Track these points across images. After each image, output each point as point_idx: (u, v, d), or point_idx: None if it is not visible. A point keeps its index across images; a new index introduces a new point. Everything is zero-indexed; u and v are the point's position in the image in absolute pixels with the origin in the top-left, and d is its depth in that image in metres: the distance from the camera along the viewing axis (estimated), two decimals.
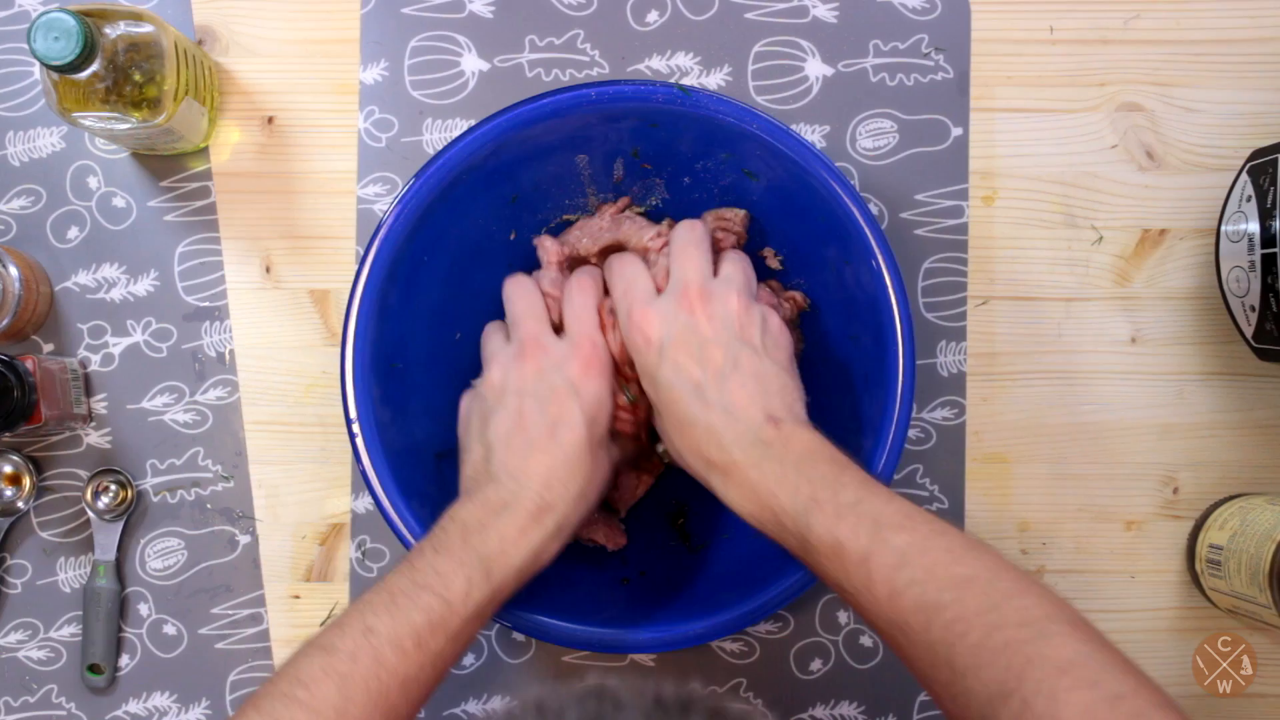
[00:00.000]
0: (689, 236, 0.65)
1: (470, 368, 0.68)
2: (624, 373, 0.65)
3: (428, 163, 0.65)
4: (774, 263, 0.71)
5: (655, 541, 0.73)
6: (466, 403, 0.66)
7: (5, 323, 0.70)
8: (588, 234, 0.70)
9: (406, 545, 0.64)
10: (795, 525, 0.55)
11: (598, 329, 0.64)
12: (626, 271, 0.65)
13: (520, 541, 0.58)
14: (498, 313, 0.69)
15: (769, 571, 0.66)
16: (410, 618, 0.54)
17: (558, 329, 0.66)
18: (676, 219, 0.71)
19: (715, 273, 0.65)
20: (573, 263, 0.70)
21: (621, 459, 0.66)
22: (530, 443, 0.60)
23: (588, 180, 0.70)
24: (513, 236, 0.71)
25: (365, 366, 0.65)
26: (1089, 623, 0.49)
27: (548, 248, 0.70)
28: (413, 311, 0.68)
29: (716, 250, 0.67)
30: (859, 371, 0.68)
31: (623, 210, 0.71)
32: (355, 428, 0.65)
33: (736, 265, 0.65)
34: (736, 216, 0.69)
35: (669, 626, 0.66)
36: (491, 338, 0.67)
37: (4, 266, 0.70)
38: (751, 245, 0.71)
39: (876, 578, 0.52)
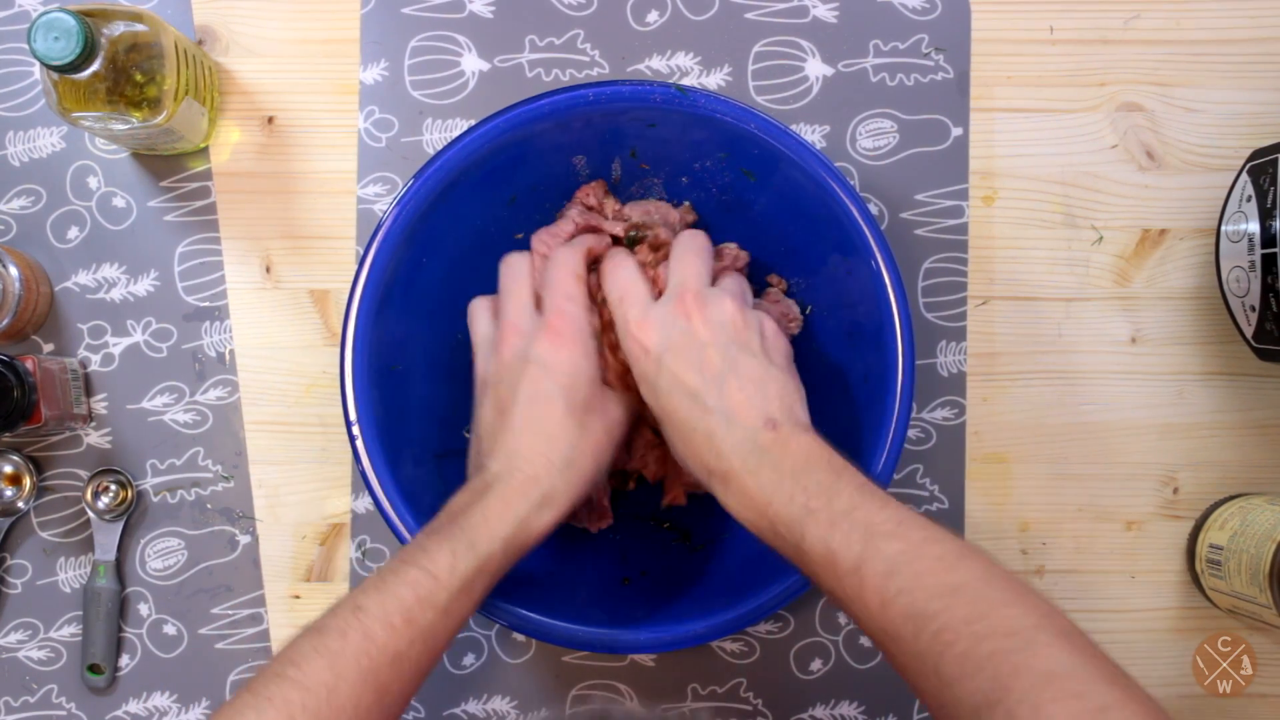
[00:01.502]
0: (691, 244, 0.65)
1: (470, 368, 0.68)
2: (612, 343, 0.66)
3: (426, 164, 0.65)
4: (779, 287, 0.71)
5: (655, 541, 0.73)
6: (479, 366, 0.67)
7: (5, 323, 0.70)
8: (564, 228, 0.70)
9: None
10: (790, 534, 0.56)
11: (571, 298, 0.63)
12: (621, 276, 0.64)
13: (504, 515, 0.58)
14: None
15: (769, 571, 0.66)
16: (398, 593, 0.55)
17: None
18: None
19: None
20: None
21: (626, 414, 0.65)
22: (510, 426, 0.61)
23: (585, 181, 0.70)
24: (519, 237, 0.71)
25: (365, 368, 0.65)
26: (1080, 631, 0.49)
27: (539, 237, 0.70)
28: (412, 312, 0.68)
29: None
30: (858, 371, 0.68)
31: (601, 195, 0.71)
32: (355, 429, 0.65)
33: (734, 279, 0.66)
34: (740, 255, 0.70)
35: (669, 626, 0.66)
36: (477, 319, 0.67)
37: (4, 266, 0.70)
38: (755, 267, 0.71)
39: (868, 586, 0.52)
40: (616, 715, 0.39)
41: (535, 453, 0.60)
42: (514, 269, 0.67)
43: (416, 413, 0.68)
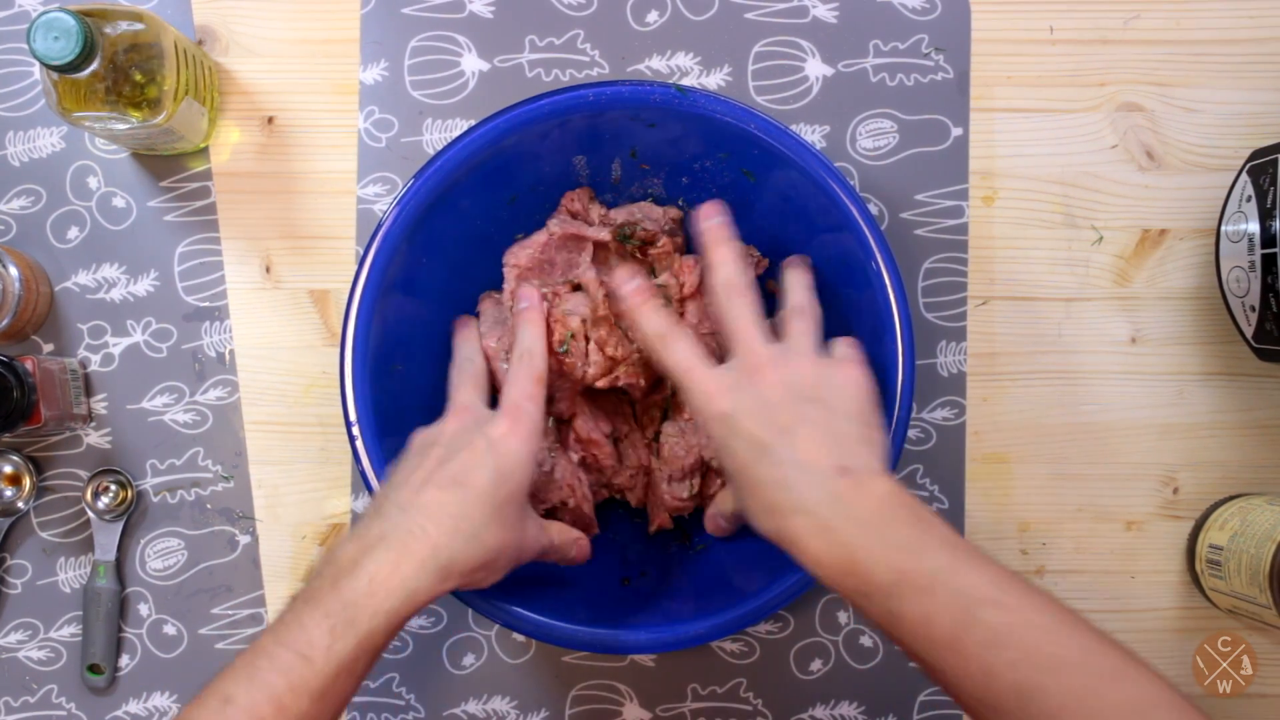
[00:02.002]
0: (738, 300, 0.62)
1: None
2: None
3: (427, 163, 0.65)
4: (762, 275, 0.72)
5: (655, 541, 0.73)
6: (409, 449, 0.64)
7: (5, 323, 0.70)
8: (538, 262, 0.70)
9: None
10: (881, 596, 0.53)
11: (531, 398, 0.62)
12: (681, 350, 0.62)
13: (392, 579, 0.54)
14: None
15: (768, 572, 0.66)
16: (268, 680, 0.51)
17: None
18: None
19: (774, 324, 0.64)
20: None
21: (535, 543, 0.63)
22: (428, 479, 0.58)
23: (585, 181, 0.70)
24: (519, 238, 0.71)
25: (364, 368, 0.65)
26: (1193, 703, 0.48)
27: (512, 253, 0.70)
28: (412, 313, 0.68)
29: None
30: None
31: (586, 201, 0.70)
32: (355, 430, 0.65)
33: (803, 322, 0.63)
34: (762, 261, 0.71)
35: (668, 627, 0.66)
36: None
37: (4, 266, 0.70)
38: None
39: (969, 656, 0.50)
40: None
41: (445, 514, 0.56)
42: (468, 341, 0.67)
43: (416, 414, 0.68)
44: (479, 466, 0.58)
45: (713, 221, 0.65)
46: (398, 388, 0.67)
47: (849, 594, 0.54)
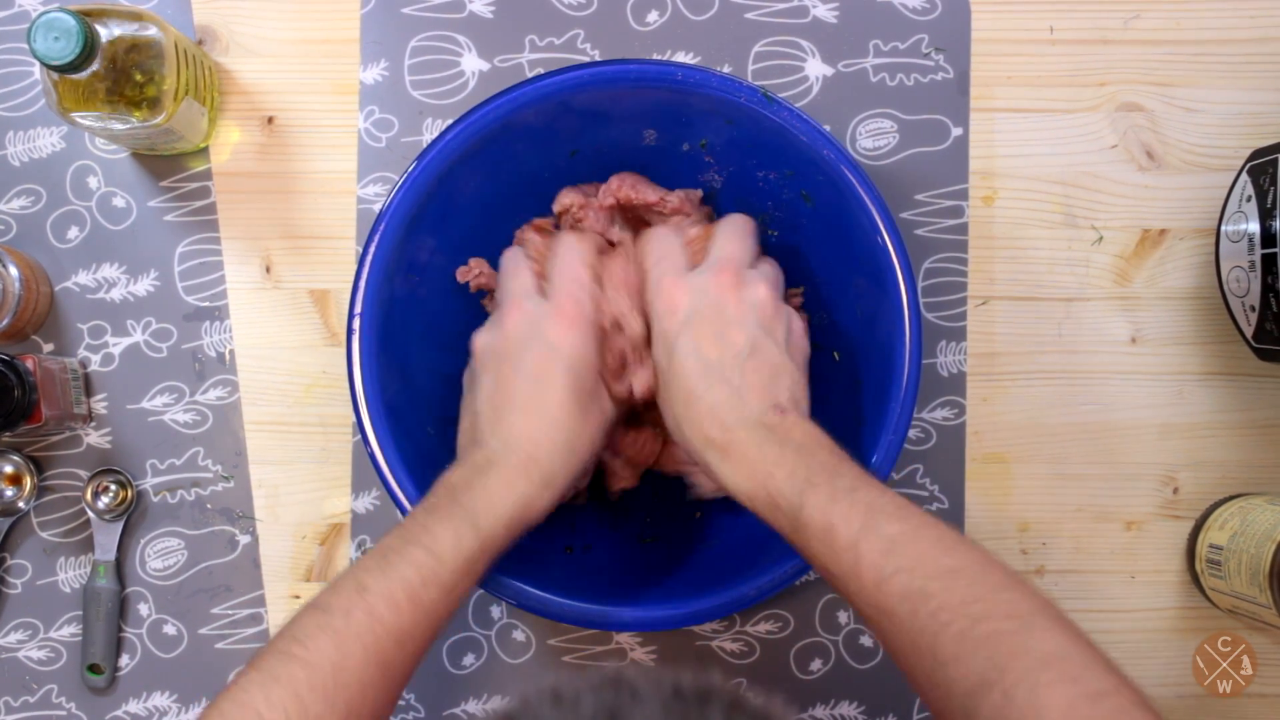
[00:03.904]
0: (738, 226, 0.66)
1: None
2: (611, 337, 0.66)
3: (498, 94, 0.65)
4: (797, 295, 0.72)
5: (667, 499, 0.73)
6: (465, 376, 0.67)
7: (5, 323, 0.70)
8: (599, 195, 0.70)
9: None
10: (789, 506, 0.56)
11: (581, 284, 0.64)
12: (662, 243, 0.65)
13: (507, 495, 0.58)
14: None
15: (768, 556, 0.66)
16: (402, 573, 0.55)
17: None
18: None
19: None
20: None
21: (616, 413, 0.66)
22: (512, 403, 0.61)
23: (650, 153, 0.70)
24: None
25: (372, 356, 0.65)
26: (1073, 621, 0.50)
27: (560, 199, 0.70)
28: (420, 300, 0.68)
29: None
30: (865, 371, 0.68)
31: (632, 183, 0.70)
32: (367, 425, 0.64)
33: (772, 265, 0.66)
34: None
35: (665, 605, 0.65)
36: (503, 278, 0.68)
37: (4, 266, 0.70)
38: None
39: (864, 563, 0.52)
40: (630, 676, 0.38)
41: (540, 434, 0.60)
42: (510, 258, 0.67)
43: (423, 379, 0.68)
44: (551, 376, 0.60)
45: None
46: (407, 382, 0.67)
47: (759, 506, 0.58)
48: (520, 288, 0.65)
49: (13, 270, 0.71)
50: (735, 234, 0.65)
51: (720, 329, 0.61)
